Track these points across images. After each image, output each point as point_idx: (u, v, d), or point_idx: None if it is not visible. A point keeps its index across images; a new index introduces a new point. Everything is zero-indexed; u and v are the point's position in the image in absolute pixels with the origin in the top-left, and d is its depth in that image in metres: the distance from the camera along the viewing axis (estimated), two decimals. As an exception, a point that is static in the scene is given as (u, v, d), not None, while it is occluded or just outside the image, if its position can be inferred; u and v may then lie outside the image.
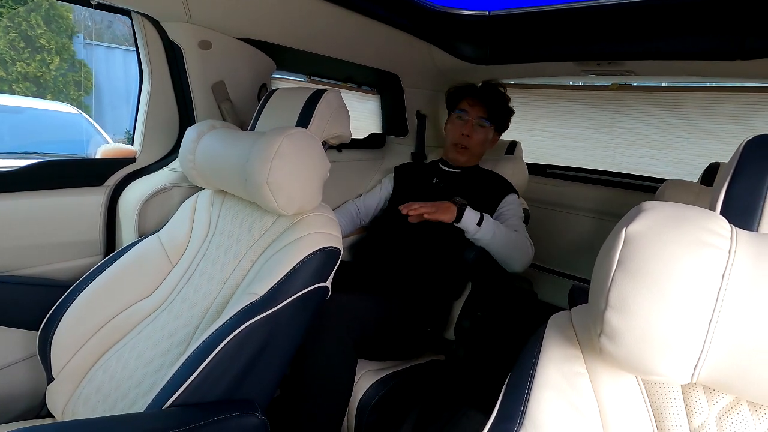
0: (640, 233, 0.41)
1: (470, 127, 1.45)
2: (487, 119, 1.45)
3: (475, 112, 1.44)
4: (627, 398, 0.48)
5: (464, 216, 1.22)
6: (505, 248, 1.26)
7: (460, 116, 1.46)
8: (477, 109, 1.44)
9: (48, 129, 2.72)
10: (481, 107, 1.44)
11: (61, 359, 0.92)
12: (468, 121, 1.45)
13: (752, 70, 1.23)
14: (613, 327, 0.42)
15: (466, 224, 1.23)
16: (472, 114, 1.45)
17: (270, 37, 1.23)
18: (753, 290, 0.37)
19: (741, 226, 0.44)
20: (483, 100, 1.45)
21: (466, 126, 1.45)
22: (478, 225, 1.22)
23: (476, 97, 1.46)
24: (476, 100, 1.45)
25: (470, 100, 1.46)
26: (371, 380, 1.09)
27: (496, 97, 1.47)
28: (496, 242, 1.24)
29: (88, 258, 1.12)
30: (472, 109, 1.45)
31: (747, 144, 0.50)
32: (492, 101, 1.45)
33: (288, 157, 0.85)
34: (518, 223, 1.36)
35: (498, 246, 1.25)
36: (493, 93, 1.47)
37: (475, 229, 1.23)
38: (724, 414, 0.45)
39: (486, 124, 1.45)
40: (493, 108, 1.45)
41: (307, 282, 0.82)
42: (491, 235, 1.23)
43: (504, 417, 0.50)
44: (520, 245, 1.28)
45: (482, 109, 1.44)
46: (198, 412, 0.67)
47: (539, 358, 0.53)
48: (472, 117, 1.45)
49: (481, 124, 1.45)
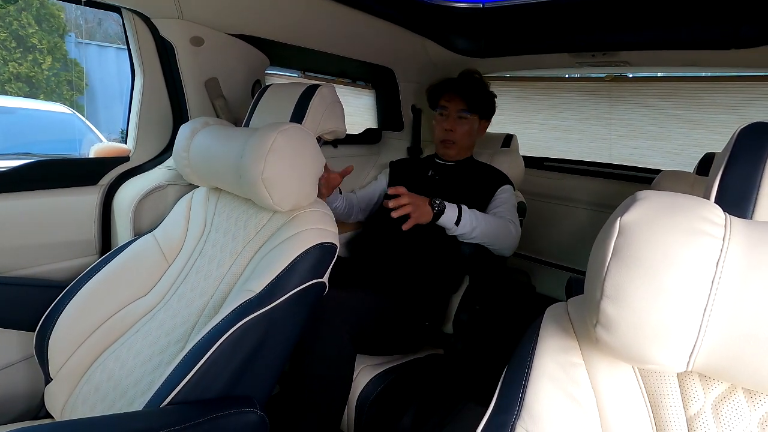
0: (635, 222, 0.41)
1: (452, 122, 1.45)
2: (467, 110, 1.45)
3: (455, 106, 1.45)
4: (624, 388, 0.48)
5: (442, 217, 1.22)
6: (488, 236, 1.26)
7: (441, 113, 1.47)
8: (455, 102, 1.44)
9: (41, 129, 2.70)
10: (459, 100, 1.44)
11: (59, 359, 0.92)
12: (450, 117, 1.46)
13: (747, 59, 1.23)
14: (608, 316, 0.42)
15: (444, 224, 1.23)
16: (451, 108, 1.45)
17: (263, 33, 1.22)
18: (747, 277, 0.37)
19: (736, 213, 0.44)
20: (460, 92, 1.45)
21: (448, 121, 1.46)
22: (456, 224, 1.22)
23: (453, 91, 1.45)
24: (453, 93, 1.45)
25: (448, 95, 1.46)
26: (370, 375, 1.09)
27: (474, 86, 1.46)
28: (478, 233, 1.24)
29: (84, 258, 1.11)
30: (451, 104, 1.45)
31: (741, 132, 0.50)
32: (469, 91, 1.45)
33: (282, 152, 0.85)
34: (505, 210, 1.36)
35: (481, 236, 1.25)
36: (469, 82, 1.46)
37: (454, 227, 1.23)
38: (720, 401, 0.45)
39: (467, 116, 1.45)
40: (471, 98, 1.45)
41: (303, 278, 0.82)
42: (471, 228, 1.23)
43: (501, 408, 0.50)
44: (501, 229, 1.28)
45: (461, 102, 1.44)
46: (196, 409, 0.67)
47: (536, 349, 0.53)
48: (453, 111, 1.45)
49: (462, 116, 1.45)
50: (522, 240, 1.38)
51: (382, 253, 1.36)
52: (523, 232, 1.42)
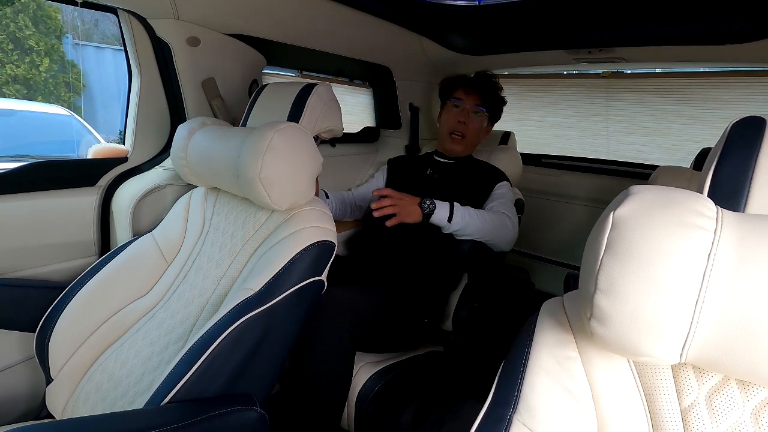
0: (628, 216, 0.42)
1: (466, 114, 1.46)
2: (482, 106, 1.46)
3: (471, 100, 1.46)
4: (619, 381, 0.49)
5: (433, 216, 1.22)
6: (483, 232, 1.26)
7: (456, 104, 1.47)
8: (473, 97, 1.46)
9: (40, 131, 2.70)
10: (476, 95, 1.46)
11: (60, 360, 0.92)
12: (464, 109, 1.46)
13: (742, 54, 1.23)
14: (602, 310, 0.42)
15: (436, 222, 1.23)
16: (467, 102, 1.46)
17: (259, 32, 1.22)
18: (738, 270, 0.38)
19: (728, 207, 0.45)
20: (477, 88, 1.47)
21: (462, 113, 1.46)
22: (449, 221, 1.23)
23: (471, 86, 1.47)
24: (471, 89, 1.47)
25: (465, 89, 1.47)
26: (370, 372, 1.09)
27: (490, 86, 1.49)
28: (473, 230, 1.25)
29: (83, 259, 1.12)
30: (468, 98, 1.46)
31: (733, 126, 0.50)
32: (486, 89, 1.47)
33: (280, 151, 0.85)
34: (501, 204, 1.36)
35: (477, 232, 1.25)
36: (486, 82, 1.49)
37: (447, 225, 1.23)
38: (714, 393, 0.45)
39: (482, 111, 1.47)
40: (487, 96, 1.47)
41: (302, 276, 0.83)
42: (464, 224, 1.23)
43: (498, 402, 0.51)
44: (497, 225, 1.28)
45: (477, 97, 1.46)
46: (197, 407, 0.68)
47: (532, 343, 0.53)
48: (468, 105, 1.46)
49: (477, 111, 1.46)
50: (521, 237, 1.38)
51: (381, 251, 1.36)
52: (522, 229, 1.43)
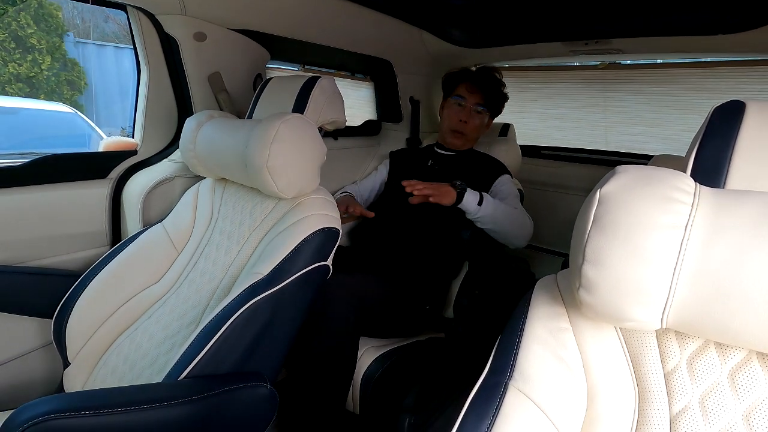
0: (613, 192, 0.45)
1: (468, 114, 1.47)
2: (484, 106, 1.47)
3: (473, 99, 1.46)
4: (608, 349, 0.53)
5: (465, 198, 1.25)
6: (507, 225, 1.29)
7: (459, 102, 1.48)
8: (475, 96, 1.46)
9: (44, 129, 2.73)
10: (479, 94, 1.46)
11: (76, 344, 0.97)
12: (466, 108, 1.47)
13: (735, 43, 1.26)
14: (589, 279, 0.46)
15: (466, 205, 1.26)
16: (470, 101, 1.47)
17: (263, 27, 1.25)
18: (712, 238, 0.41)
19: (709, 184, 0.48)
20: (481, 86, 1.46)
21: (463, 112, 1.47)
22: (478, 205, 1.26)
23: (474, 84, 1.47)
24: (474, 87, 1.46)
25: (468, 87, 1.47)
26: (373, 355, 1.13)
27: (493, 84, 1.49)
28: (497, 220, 1.27)
29: (96, 248, 1.15)
30: (471, 96, 1.46)
31: (715, 110, 0.54)
32: (489, 88, 1.47)
33: (286, 141, 0.89)
34: (516, 201, 1.39)
35: (500, 224, 1.28)
36: (490, 79, 1.49)
37: (476, 209, 1.26)
38: (694, 357, 0.49)
39: (483, 111, 1.48)
40: (490, 95, 1.47)
41: (308, 261, 0.86)
42: (491, 213, 1.26)
43: (496, 370, 0.55)
44: (520, 221, 1.32)
45: (480, 96, 1.46)
46: (211, 382, 0.72)
47: (527, 316, 0.57)
48: (470, 104, 1.47)
49: (478, 110, 1.47)
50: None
51: (384, 240, 1.40)
52: (522, 220, 1.45)
